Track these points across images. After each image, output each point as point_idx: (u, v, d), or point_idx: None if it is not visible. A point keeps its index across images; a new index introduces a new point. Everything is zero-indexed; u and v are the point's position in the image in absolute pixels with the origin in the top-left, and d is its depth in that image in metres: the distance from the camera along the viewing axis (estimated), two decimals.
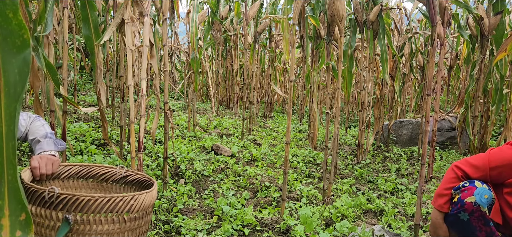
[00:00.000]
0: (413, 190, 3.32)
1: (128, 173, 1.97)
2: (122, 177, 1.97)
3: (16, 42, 0.60)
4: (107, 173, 1.97)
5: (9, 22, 0.59)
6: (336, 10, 2.76)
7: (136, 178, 1.97)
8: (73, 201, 1.43)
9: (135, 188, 1.98)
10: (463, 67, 5.97)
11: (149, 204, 1.63)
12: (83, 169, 1.94)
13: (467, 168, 1.90)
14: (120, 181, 1.99)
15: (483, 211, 1.80)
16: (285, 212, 2.59)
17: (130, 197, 1.53)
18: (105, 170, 1.97)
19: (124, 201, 1.51)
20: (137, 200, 1.55)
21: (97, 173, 1.96)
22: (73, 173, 1.92)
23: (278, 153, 4.17)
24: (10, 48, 0.60)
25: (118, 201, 1.49)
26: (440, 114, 5.35)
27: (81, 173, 1.94)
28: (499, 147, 1.91)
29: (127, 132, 3.55)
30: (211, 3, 5.45)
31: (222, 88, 7.68)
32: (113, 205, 1.48)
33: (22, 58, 0.61)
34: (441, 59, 2.97)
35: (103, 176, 1.97)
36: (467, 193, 1.83)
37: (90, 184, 1.97)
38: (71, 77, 5.86)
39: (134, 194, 1.55)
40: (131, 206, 1.53)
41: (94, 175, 1.96)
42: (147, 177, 1.92)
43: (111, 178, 1.98)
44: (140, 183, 1.96)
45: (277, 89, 4.89)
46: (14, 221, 0.68)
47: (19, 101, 0.64)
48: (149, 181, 1.89)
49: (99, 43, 2.56)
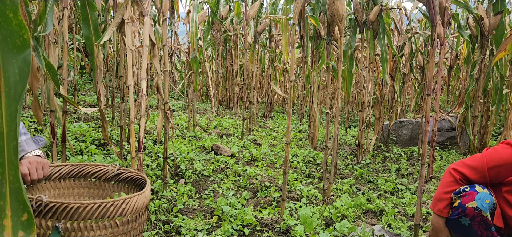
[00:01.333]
0: (413, 190, 3.32)
1: (120, 171, 1.94)
2: (115, 175, 1.94)
3: (16, 42, 0.60)
4: (99, 171, 1.94)
5: (9, 22, 0.59)
6: (336, 10, 2.76)
7: (129, 176, 1.94)
8: (62, 209, 1.38)
9: (129, 186, 1.95)
10: (463, 67, 5.97)
11: (142, 206, 1.59)
12: (74, 168, 1.90)
13: (465, 169, 1.89)
14: (113, 179, 1.96)
15: (484, 216, 1.79)
16: (285, 212, 2.59)
17: (121, 201, 1.48)
18: (97, 168, 1.94)
19: (115, 206, 1.46)
20: (128, 203, 1.51)
21: (89, 172, 1.93)
22: (64, 173, 1.88)
23: (278, 153, 4.17)
24: (10, 48, 0.60)
25: (109, 206, 1.45)
26: (440, 114, 5.35)
27: (73, 173, 1.90)
28: (494, 147, 1.90)
29: (127, 132, 3.55)
30: (211, 3, 5.45)
31: (222, 88, 7.68)
32: (104, 211, 1.43)
33: (23, 58, 0.61)
34: (441, 59, 2.97)
35: (95, 175, 1.94)
36: (468, 198, 1.82)
37: (82, 183, 1.94)
38: (71, 77, 5.86)
39: (125, 198, 1.50)
40: (123, 210, 1.49)
41: (86, 174, 1.93)
42: (140, 174, 1.89)
43: (104, 177, 1.95)
44: (134, 181, 1.93)
45: (277, 89, 4.89)
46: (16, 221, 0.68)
47: (20, 101, 0.64)
48: (142, 179, 1.86)
49: (99, 43, 2.56)
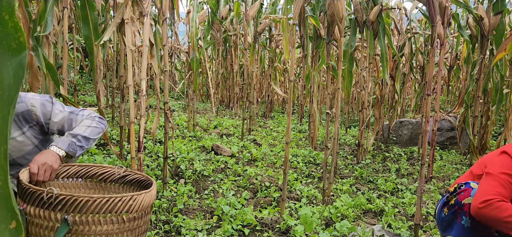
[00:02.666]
0: (413, 190, 3.32)
1: (126, 173, 1.97)
2: (121, 177, 1.97)
3: (11, 45, 0.60)
4: (106, 173, 1.96)
5: (5, 24, 0.58)
6: (336, 10, 2.75)
7: (135, 178, 1.97)
8: (71, 202, 1.42)
9: (134, 188, 1.98)
10: (463, 67, 5.97)
11: (148, 204, 1.63)
12: (82, 169, 1.93)
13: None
14: (118, 181, 1.98)
15: None
16: (285, 212, 2.59)
17: (129, 197, 1.52)
18: (104, 170, 1.97)
19: (123, 201, 1.50)
20: (136, 200, 1.54)
21: (96, 173, 1.96)
22: (72, 173, 1.91)
23: (278, 153, 4.16)
24: (6, 51, 0.60)
25: (117, 202, 1.48)
26: (440, 114, 5.35)
27: (80, 173, 1.93)
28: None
29: (127, 132, 3.55)
30: (211, 3, 5.45)
31: (222, 88, 7.68)
32: (111, 206, 1.47)
33: (18, 61, 0.61)
34: (441, 59, 2.96)
35: (102, 176, 1.96)
36: (464, 195, 1.83)
37: (89, 184, 1.97)
38: (71, 77, 5.86)
39: (133, 194, 1.54)
40: (130, 206, 1.52)
41: (92, 175, 1.95)
42: (146, 176, 1.92)
43: (110, 178, 1.97)
44: (139, 183, 1.96)
45: (277, 89, 4.89)
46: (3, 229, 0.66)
47: (13, 105, 0.63)
48: (148, 180, 1.88)
49: (99, 43, 2.56)
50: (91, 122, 1.90)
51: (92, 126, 1.89)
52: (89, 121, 1.90)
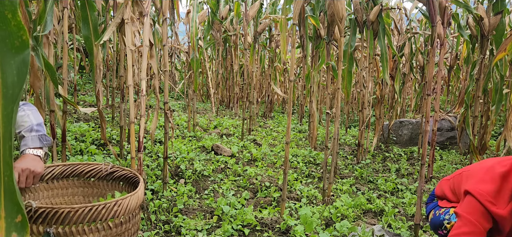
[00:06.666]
0: (413, 190, 3.32)
1: (114, 169, 1.93)
2: (108, 173, 1.94)
3: (14, 43, 0.60)
4: (92, 170, 1.92)
5: (8, 23, 0.59)
6: (336, 10, 2.75)
7: (122, 174, 1.94)
8: (52, 214, 1.36)
9: (123, 184, 1.95)
10: (463, 67, 5.97)
11: (135, 207, 1.57)
12: (67, 168, 1.88)
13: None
14: (106, 177, 1.95)
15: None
16: (285, 212, 2.59)
17: (113, 203, 1.45)
18: (90, 167, 1.93)
19: (107, 208, 1.43)
20: (121, 205, 1.48)
21: (82, 171, 1.91)
22: (57, 174, 1.87)
23: (278, 153, 4.16)
24: (9, 49, 0.60)
25: (100, 209, 1.42)
26: (440, 114, 5.35)
27: (66, 172, 1.88)
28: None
29: (127, 132, 3.55)
30: (211, 3, 5.45)
31: (222, 88, 7.68)
32: (95, 214, 1.41)
33: (21, 59, 0.61)
34: (441, 59, 2.96)
35: (89, 173, 1.92)
36: None
37: (76, 182, 1.92)
38: (71, 77, 5.86)
39: (117, 200, 1.48)
40: (115, 212, 1.46)
41: (79, 173, 1.91)
42: (133, 173, 1.87)
43: (97, 175, 1.94)
44: (127, 179, 1.92)
45: (277, 89, 4.89)
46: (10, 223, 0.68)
47: (17, 102, 0.64)
48: (135, 177, 1.84)
49: (99, 43, 2.56)
50: (23, 111, 1.72)
51: (29, 111, 1.73)
52: (21, 112, 1.72)
